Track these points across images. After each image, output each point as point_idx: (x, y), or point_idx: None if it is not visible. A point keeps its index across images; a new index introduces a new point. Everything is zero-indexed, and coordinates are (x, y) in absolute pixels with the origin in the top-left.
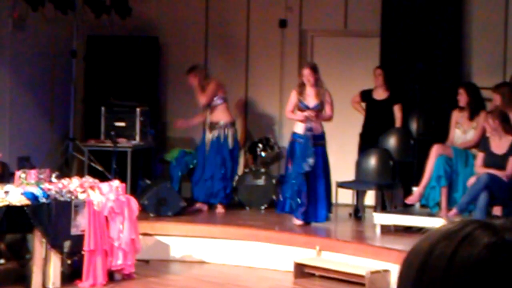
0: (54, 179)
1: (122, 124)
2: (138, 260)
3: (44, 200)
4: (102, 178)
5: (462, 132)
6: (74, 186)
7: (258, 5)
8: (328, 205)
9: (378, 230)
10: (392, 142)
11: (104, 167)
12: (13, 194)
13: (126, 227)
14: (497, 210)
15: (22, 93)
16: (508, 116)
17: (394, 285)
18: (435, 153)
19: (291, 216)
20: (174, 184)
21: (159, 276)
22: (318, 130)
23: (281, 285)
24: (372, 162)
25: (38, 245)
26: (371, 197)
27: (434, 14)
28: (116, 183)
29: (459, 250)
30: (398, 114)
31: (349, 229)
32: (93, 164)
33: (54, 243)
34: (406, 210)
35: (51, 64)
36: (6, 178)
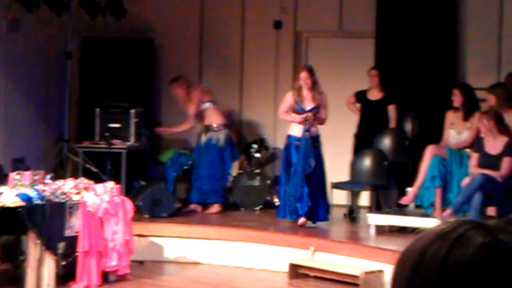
0: (48, 181)
1: (117, 125)
2: (133, 261)
3: (38, 201)
4: (97, 179)
5: (456, 132)
6: (68, 187)
7: (252, 6)
8: (326, 206)
9: (372, 230)
10: (386, 142)
11: (98, 169)
12: (7, 196)
13: (121, 228)
14: (491, 211)
15: (16, 94)
16: (502, 116)
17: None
18: (430, 153)
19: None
20: (169, 185)
21: (154, 277)
22: (314, 132)
23: (275, 285)
24: (366, 162)
25: (32, 246)
26: (366, 197)
27: (429, 15)
28: (110, 184)
29: (453, 251)
30: (393, 114)
31: (343, 229)
32: (87, 165)
33: (48, 245)
34: (401, 210)
35: (46, 65)
36: (0, 179)
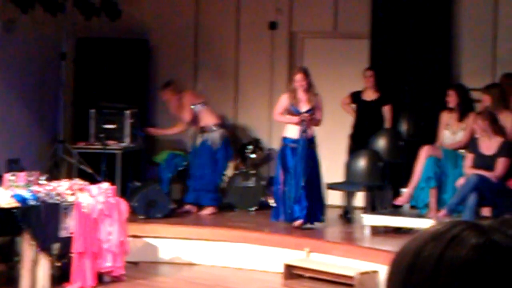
0: (43, 182)
1: (112, 126)
2: (127, 262)
3: (33, 202)
4: (92, 180)
5: (451, 133)
6: (63, 188)
7: (248, 7)
8: (322, 207)
9: (367, 231)
10: (381, 143)
11: (93, 170)
12: (2, 197)
13: (115, 229)
14: (486, 211)
15: (11, 95)
16: (497, 117)
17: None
18: (425, 154)
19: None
20: (164, 186)
21: (148, 278)
22: (309, 134)
23: (270, 286)
24: (361, 163)
25: (27, 247)
26: (361, 198)
27: (424, 15)
28: (105, 185)
29: (447, 251)
30: (388, 115)
31: (338, 230)
32: (82, 166)
33: (43, 246)
34: (396, 211)
35: (41, 66)
36: None
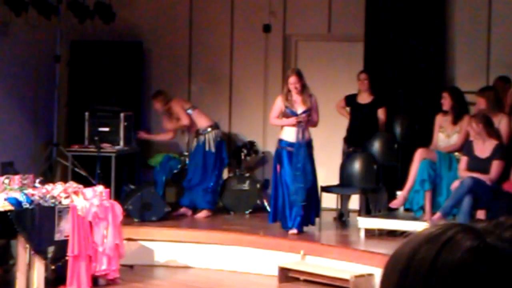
0: (37, 185)
1: (106, 129)
2: (122, 265)
3: (27, 205)
4: (86, 183)
5: (445, 136)
6: (58, 191)
7: (242, 10)
8: (317, 210)
9: (362, 234)
10: (376, 146)
11: (88, 172)
12: None
13: (110, 232)
14: (480, 214)
15: (5, 98)
16: (491, 120)
17: None
18: (419, 157)
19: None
20: (158, 189)
21: (144, 281)
22: (307, 137)
23: None
24: (356, 166)
25: (22, 250)
26: (355, 201)
27: (418, 18)
28: (100, 188)
29: (441, 254)
30: (382, 118)
31: (333, 233)
32: (77, 169)
33: (38, 249)
34: (390, 214)
35: (35, 69)
36: None
